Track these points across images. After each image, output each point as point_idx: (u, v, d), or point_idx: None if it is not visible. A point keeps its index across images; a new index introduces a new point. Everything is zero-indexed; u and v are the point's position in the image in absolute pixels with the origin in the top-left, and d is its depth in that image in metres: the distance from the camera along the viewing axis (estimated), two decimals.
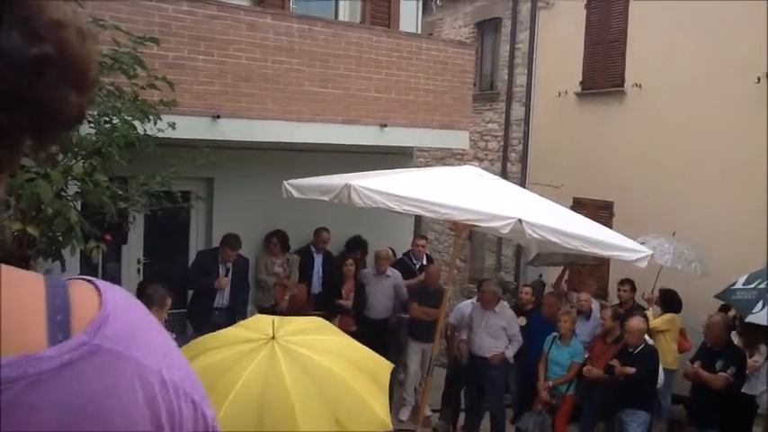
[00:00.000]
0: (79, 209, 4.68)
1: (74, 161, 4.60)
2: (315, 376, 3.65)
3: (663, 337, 7.96)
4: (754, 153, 8.32)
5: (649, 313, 8.05)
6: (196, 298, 7.68)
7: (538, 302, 8.48)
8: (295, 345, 3.78)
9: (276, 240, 8.31)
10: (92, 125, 4.76)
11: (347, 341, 4.21)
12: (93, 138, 4.64)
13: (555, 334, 7.48)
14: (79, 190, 4.62)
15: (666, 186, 9.52)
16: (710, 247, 8.43)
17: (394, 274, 8.37)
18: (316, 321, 4.52)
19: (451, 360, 8.41)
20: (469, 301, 8.41)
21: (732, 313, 7.17)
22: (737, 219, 8.45)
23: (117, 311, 0.70)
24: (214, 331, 4.66)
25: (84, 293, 0.72)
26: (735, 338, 6.92)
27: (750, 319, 5.92)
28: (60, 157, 4.60)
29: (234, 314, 7.52)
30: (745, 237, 8.24)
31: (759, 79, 8.27)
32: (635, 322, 6.83)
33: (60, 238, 4.42)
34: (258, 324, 4.10)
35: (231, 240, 7.50)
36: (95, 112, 4.77)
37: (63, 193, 4.51)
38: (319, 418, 3.51)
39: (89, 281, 0.76)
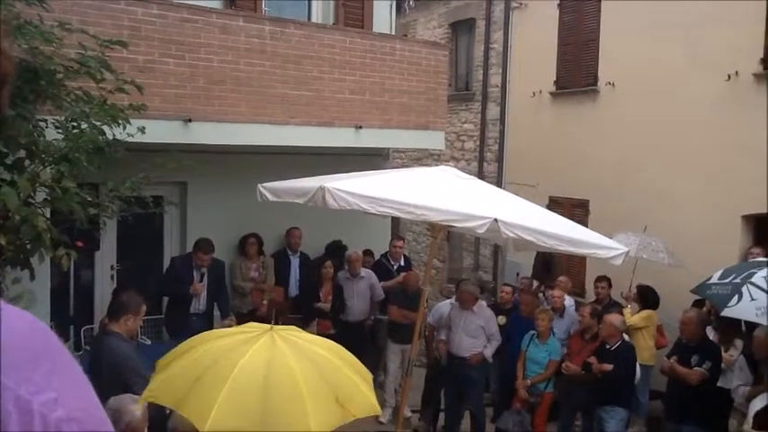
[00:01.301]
0: (48, 216, 4.60)
1: (41, 167, 4.52)
2: (314, 359, 3.71)
3: (640, 334, 8.02)
4: (727, 150, 8.41)
5: (627, 311, 8.11)
6: (172, 304, 7.57)
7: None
8: (292, 335, 3.85)
9: (254, 240, 8.24)
10: (59, 131, 4.69)
11: (333, 343, 4.25)
12: (61, 143, 4.56)
13: (532, 332, 7.50)
14: (48, 197, 4.54)
15: (641, 184, 9.60)
16: (685, 244, 8.52)
17: (368, 274, 8.36)
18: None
19: (431, 360, 8.41)
20: (448, 301, 8.42)
21: (707, 308, 7.25)
22: (711, 216, 8.54)
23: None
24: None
25: None
26: (710, 333, 6.99)
27: (726, 312, 5.97)
28: (27, 163, 4.52)
29: (211, 320, 7.44)
30: (719, 234, 8.33)
31: (729, 77, 8.37)
32: (612, 317, 6.88)
33: (28, 246, 4.33)
34: (252, 324, 4.12)
35: (203, 245, 7.41)
36: (63, 118, 4.69)
37: (30, 200, 4.43)
38: (322, 396, 3.54)
39: None
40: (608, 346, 6.79)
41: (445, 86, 9.26)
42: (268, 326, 3.80)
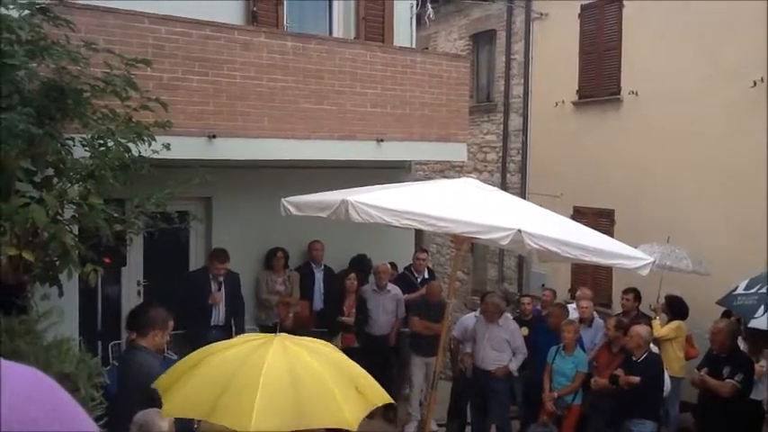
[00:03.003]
0: (75, 233, 4.67)
1: (69, 185, 4.59)
2: (328, 357, 3.84)
3: (670, 345, 7.90)
4: (752, 157, 8.29)
5: (656, 322, 7.99)
6: (192, 317, 7.60)
7: None
8: (294, 344, 3.90)
9: (281, 254, 8.30)
10: (86, 148, 4.77)
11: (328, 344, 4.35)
12: (88, 161, 4.64)
13: (560, 344, 7.43)
14: (75, 214, 4.61)
15: (667, 193, 9.49)
16: (711, 252, 8.40)
17: (394, 289, 8.33)
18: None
19: (456, 374, 8.35)
20: (472, 313, 8.38)
21: (735, 318, 7.12)
22: (737, 224, 8.42)
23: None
24: None
25: None
26: (741, 344, 6.86)
27: (752, 324, 5.87)
28: (55, 181, 4.60)
29: (230, 332, 7.46)
30: (745, 241, 8.20)
31: (755, 83, 8.26)
32: (638, 329, 6.78)
33: (57, 263, 4.40)
34: (250, 335, 4.21)
35: (219, 254, 7.49)
36: (89, 135, 4.76)
37: (59, 217, 4.50)
38: (347, 388, 3.64)
39: None
40: (635, 358, 6.68)
41: (466, 98, 9.26)
42: (271, 334, 3.85)
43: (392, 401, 4.25)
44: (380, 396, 3.86)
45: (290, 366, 3.55)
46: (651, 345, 6.98)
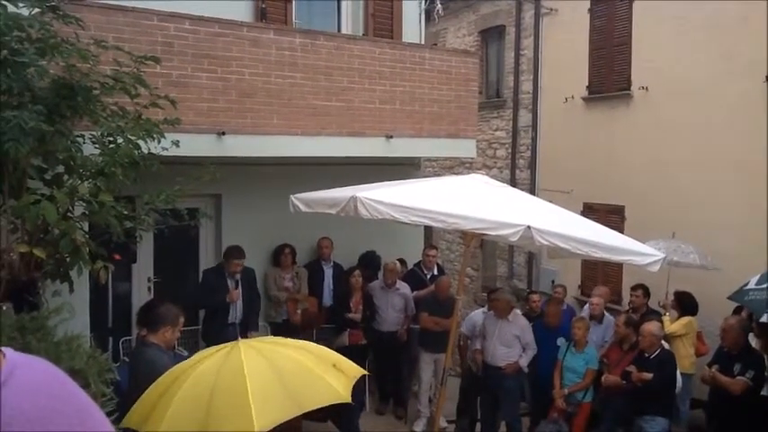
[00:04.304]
0: (86, 229, 4.69)
1: (79, 182, 4.61)
2: (298, 346, 4.00)
3: (680, 342, 7.86)
4: (764, 152, 8.23)
5: (666, 318, 7.95)
6: (210, 315, 7.63)
7: None
8: (258, 342, 4.00)
9: (289, 250, 8.31)
10: (96, 146, 4.79)
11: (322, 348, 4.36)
12: (98, 158, 4.66)
13: (568, 341, 7.41)
14: (85, 211, 4.63)
15: (678, 189, 9.44)
16: (723, 247, 8.34)
17: (403, 287, 8.33)
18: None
19: (464, 370, 8.35)
20: (480, 310, 8.36)
21: (746, 314, 7.07)
22: (749, 219, 8.36)
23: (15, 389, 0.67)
24: None
25: None
26: (752, 340, 6.81)
27: (764, 319, 5.83)
28: (65, 178, 4.62)
29: (247, 328, 7.49)
30: (757, 238, 8.14)
31: (767, 78, 8.19)
32: (649, 326, 6.74)
33: (67, 260, 4.42)
34: (211, 348, 4.21)
35: (235, 251, 7.48)
36: (99, 133, 4.78)
37: (69, 215, 4.52)
38: (324, 366, 3.81)
39: (3, 354, 0.72)
40: (647, 355, 6.65)
41: (476, 94, 9.23)
42: (231, 342, 3.90)
43: (366, 373, 4.38)
44: (356, 370, 4.05)
45: (269, 362, 3.64)
46: (663, 341, 6.95)
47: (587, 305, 8.54)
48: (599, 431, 7.34)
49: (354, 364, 4.07)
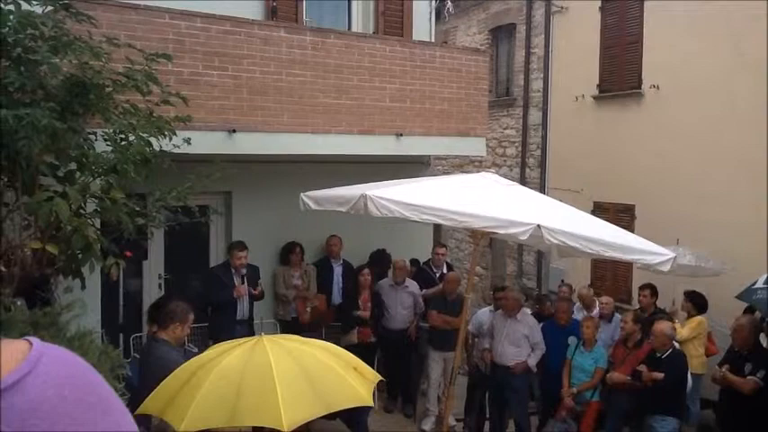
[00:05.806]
0: (98, 226, 4.72)
1: (91, 179, 4.64)
2: (320, 346, 4.06)
3: (690, 342, 7.82)
4: None
5: (677, 325, 7.92)
6: (216, 313, 7.66)
7: None
8: (282, 339, 4.06)
9: (298, 249, 8.33)
10: (108, 143, 4.81)
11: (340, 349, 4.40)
12: (110, 155, 4.68)
13: (576, 340, 7.39)
14: (97, 208, 4.66)
15: (688, 188, 9.39)
16: (733, 247, 8.29)
17: (412, 285, 8.33)
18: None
19: (471, 368, 8.34)
20: (487, 308, 8.35)
21: (759, 314, 7.04)
22: (761, 219, 8.30)
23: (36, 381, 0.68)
24: None
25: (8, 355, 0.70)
26: (763, 340, 6.78)
27: None
28: (78, 175, 4.65)
29: (253, 327, 7.52)
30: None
31: None
32: (661, 326, 6.70)
33: (79, 256, 4.45)
34: (232, 341, 4.27)
35: (237, 244, 7.54)
36: (111, 130, 4.81)
37: (81, 211, 4.55)
38: (346, 368, 3.86)
39: (30, 342, 0.73)
40: (658, 354, 6.62)
41: (486, 92, 9.22)
42: (254, 336, 3.99)
43: (382, 378, 4.43)
44: (374, 374, 4.12)
45: (295, 361, 3.69)
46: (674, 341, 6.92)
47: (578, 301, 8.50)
48: (606, 430, 7.32)
49: (371, 369, 4.13)
